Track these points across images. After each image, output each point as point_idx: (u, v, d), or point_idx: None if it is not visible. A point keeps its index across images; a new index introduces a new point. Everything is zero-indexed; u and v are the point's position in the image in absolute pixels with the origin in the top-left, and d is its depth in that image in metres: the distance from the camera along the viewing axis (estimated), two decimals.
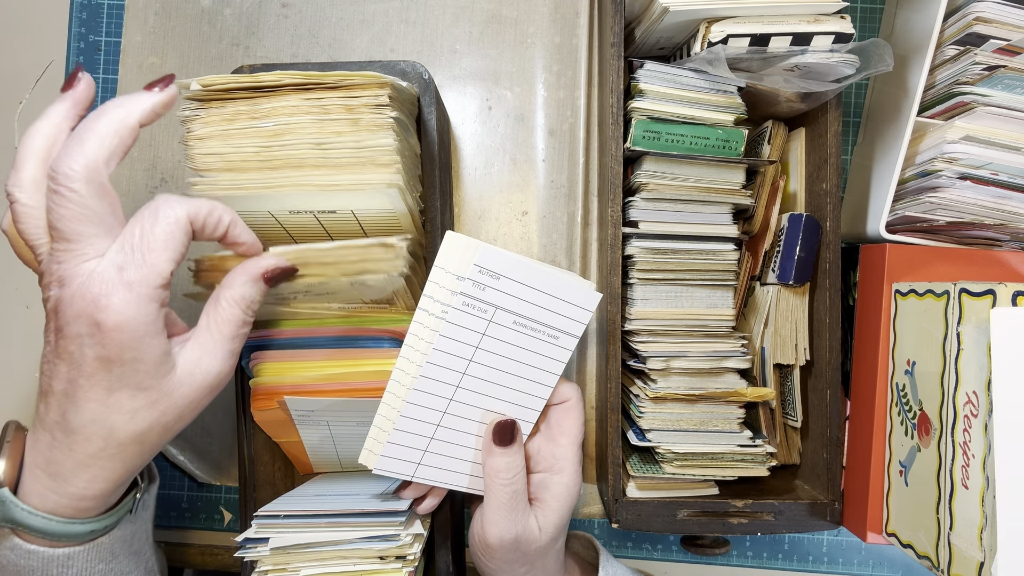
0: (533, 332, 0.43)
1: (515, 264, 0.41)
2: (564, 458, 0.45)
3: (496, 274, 0.40)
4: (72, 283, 0.34)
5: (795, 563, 0.60)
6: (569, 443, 0.45)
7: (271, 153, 0.41)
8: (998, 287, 0.40)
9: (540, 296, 0.42)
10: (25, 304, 0.62)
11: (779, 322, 0.53)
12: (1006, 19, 0.47)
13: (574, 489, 0.45)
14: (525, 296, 0.42)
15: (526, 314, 0.42)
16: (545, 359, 0.44)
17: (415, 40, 0.61)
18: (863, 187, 0.56)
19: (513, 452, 0.43)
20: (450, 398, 0.42)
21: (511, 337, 0.42)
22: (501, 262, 0.40)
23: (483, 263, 0.40)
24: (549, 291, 0.42)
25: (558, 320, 0.43)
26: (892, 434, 0.50)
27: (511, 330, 0.42)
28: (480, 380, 0.42)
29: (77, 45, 0.62)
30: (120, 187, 0.61)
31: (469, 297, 0.40)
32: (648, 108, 0.50)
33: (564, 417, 0.45)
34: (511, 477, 0.42)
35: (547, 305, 0.42)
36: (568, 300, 0.43)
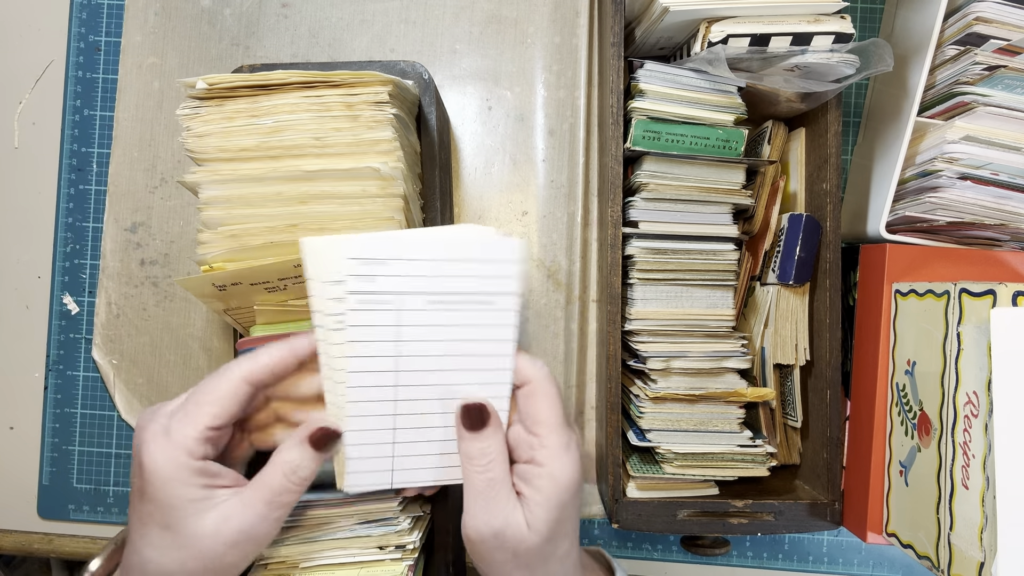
0: (458, 305, 0.38)
1: (396, 242, 0.36)
2: (544, 447, 0.39)
3: (379, 260, 0.36)
4: (142, 419, 0.37)
5: (795, 563, 0.60)
6: (547, 431, 0.39)
7: (271, 145, 0.42)
8: (998, 287, 0.40)
9: (444, 265, 0.37)
10: (25, 304, 0.62)
11: (779, 322, 0.53)
12: (1006, 19, 0.47)
13: (564, 478, 0.38)
14: (427, 271, 0.37)
15: (438, 289, 0.37)
16: (488, 328, 0.38)
17: (415, 40, 0.61)
18: (863, 187, 0.56)
19: (486, 436, 0.39)
20: (394, 399, 0.39)
21: (433, 318, 0.38)
22: (379, 245, 0.36)
23: (358, 253, 0.36)
24: (452, 256, 0.37)
25: (481, 283, 0.38)
26: (892, 434, 0.50)
27: (430, 311, 0.37)
28: (422, 372, 0.38)
29: (77, 45, 0.62)
30: (120, 187, 0.61)
31: (361, 294, 0.36)
32: (648, 108, 0.50)
33: (530, 403, 0.39)
34: (485, 463, 0.39)
35: (458, 271, 0.37)
36: (481, 258, 0.37)
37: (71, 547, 0.62)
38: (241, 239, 0.43)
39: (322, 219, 0.43)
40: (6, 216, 0.62)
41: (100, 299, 0.61)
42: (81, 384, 0.62)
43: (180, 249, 0.61)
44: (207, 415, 0.36)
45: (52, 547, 0.62)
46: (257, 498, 0.37)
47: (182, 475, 0.35)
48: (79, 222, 0.62)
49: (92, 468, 0.61)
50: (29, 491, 0.62)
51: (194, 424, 0.36)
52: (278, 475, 0.37)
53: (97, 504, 0.61)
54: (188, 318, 0.61)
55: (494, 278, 0.38)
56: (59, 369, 0.62)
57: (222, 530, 0.36)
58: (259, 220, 0.43)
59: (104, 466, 0.61)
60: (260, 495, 0.37)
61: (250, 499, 0.37)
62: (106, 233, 0.61)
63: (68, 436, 0.61)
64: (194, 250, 0.43)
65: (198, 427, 0.36)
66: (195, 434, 0.36)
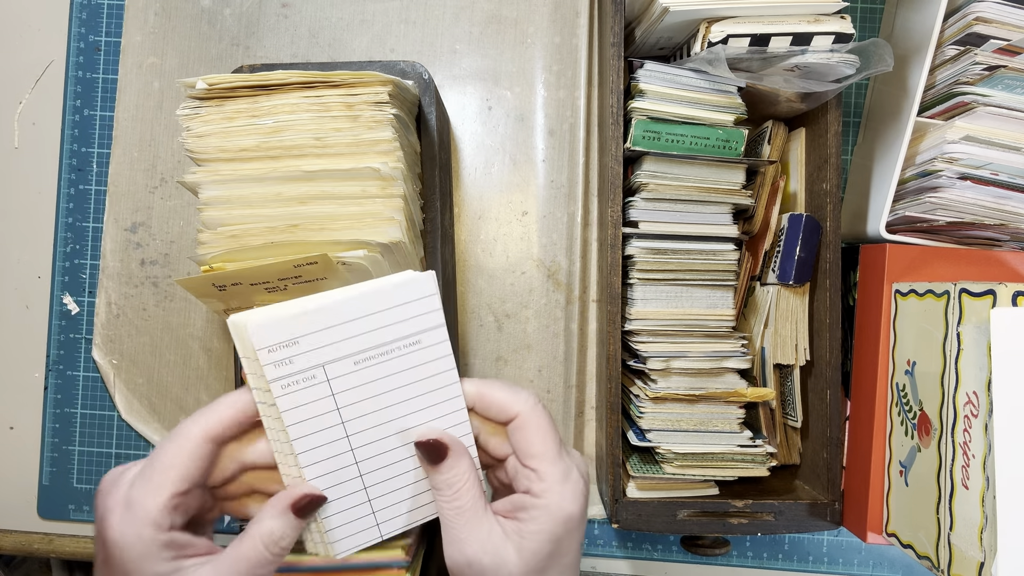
0: (386, 356, 0.37)
1: (301, 318, 0.35)
2: (540, 479, 0.37)
3: (289, 341, 0.35)
4: (103, 486, 0.35)
5: (795, 563, 0.60)
6: (541, 463, 0.37)
7: (271, 145, 0.41)
8: (998, 287, 0.40)
9: (359, 323, 0.36)
10: (25, 304, 0.62)
11: (779, 322, 0.53)
12: (1006, 19, 0.47)
13: (560, 515, 0.36)
14: (343, 335, 0.36)
15: (361, 347, 0.36)
16: (424, 367, 0.38)
17: (415, 40, 0.61)
18: (863, 187, 0.56)
19: (448, 467, 0.37)
20: (355, 461, 0.38)
21: (366, 376, 0.37)
22: (284, 328, 0.35)
23: (265, 342, 0.35)
24: (363, 313, 0.36)
25: (402, 328, 0.37)
26: (892, 434, 0.50)
27: (360, 371, 0.36)
28: (374, 428, 0.38)
29: (77, 45, 0.62)
30: (120, 187, 0.61)
31: (282, 378, 0.35)
32: (648, 108, 0.50)
33: (520, 437, 0.37)
34: (451, 493, 0.37)
35: (374, 325, 0.36)
36: (393, 303, 0.36)
37: (71, 547, 0.62)
38: (241, 239, 0.43)
39: (322, 219, 0.43)
40: (6, 216, 0.62)
41: (100, 299, 0.61)
42: (81, 384, 0.62)
43: (180, 249, 0.61)
44: (170, 481, 0.34)
45: (52, 547, 0.62)
46: (234, 569, 0.35)
47: (148, 550, 0.33)
48: (79, 222, 0.62)
49: (92, 468, 0.61)
50: (29, 491, 0.62)
51: (157, 493, 0.34)
52: (258, 546, 0.35)
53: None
54: (188, 318, 0.61)
55: (415, 317, 0.37)
56: (59, 369, 0.62)
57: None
58: (259, 220, 0.43)
59: (104, 466, 0.61)
60: (236, 568, 0.35)
61: (224, 570, 0.34)
62: (106, 233, 0.61)
63: (68, 436, 0.61)
64: (194, 250, 0.43)
65: (162, 496, 0.34)
66: (159, 504, 0.34)
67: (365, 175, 0.42)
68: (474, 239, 0.61)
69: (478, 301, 0.60)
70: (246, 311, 0.35)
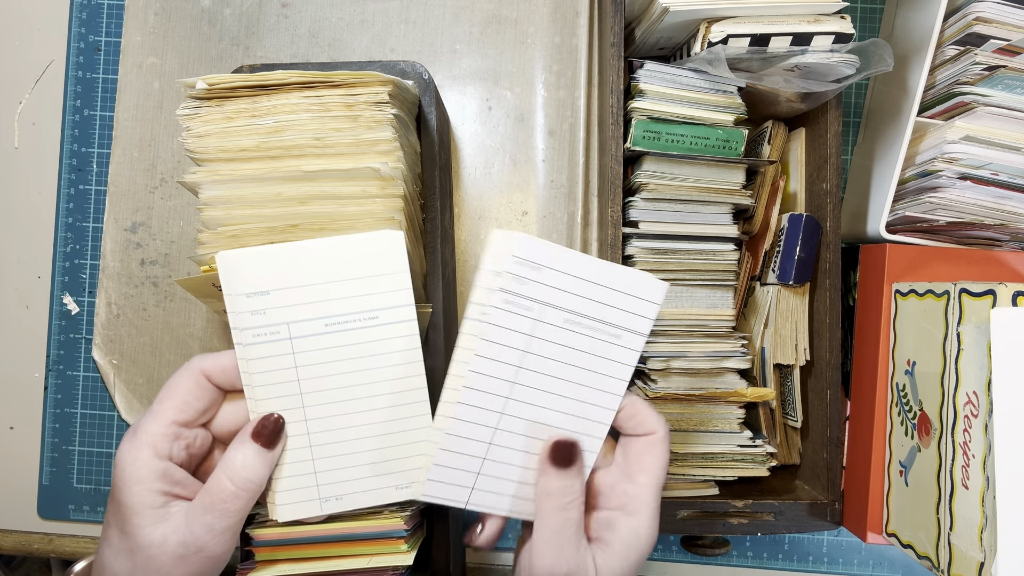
0: (590, 331, 0.37)
1: (559, 253, 0.36)
2: (639, 499, 0.38)
3: (537, 264, 0.36)
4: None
5: (795, 563, 0.60)
6: (649, 483, 0.38)
7: (271, 145, 0.42)
8: (998, 287, 0.40)
9: (593, 288, 0.37)
10: (25, 304, 0.62)
11: (779, 322, 0.53)
12: (1006, 19, 0.47)
13: (646, 537, 0.37)
14: (575, 289, 0.37)
15: (578, 310, 0.37)
16: (607, 363, 0.38)
17: (415, 40, 0.61)
18: (863, 187, 0.56)
19: (571, 475, 0.38)
20: (501, 412, 0.38)
21: (563, 338, 0.37)
22: (542, 251, 0.36)
23: (522, 253, 0.36)
24: (603, 282, 0.37)
25: (617, 316, 0.38)
26: (892, 434, 0.50)
27: (563, 330, 0.37)
28: (533, 390, 0.38)
29: (77, 45, 0.62)
30: (120, 187, 0.61)
31: (509, 293, 0.36)
32: (648, 108, 0.50)
33: (646, 452, 0.38)
34: (566, 502, 0.37)
35: (602, 298, 0.37)
36: (626, 291, 0.37)
37: (71, 547, 0.62)
38: (241, 239, 0.43)
39: (322, 219, 0.43)
40: (6, 216, 0.62)
41: (100, 299, 0.61)
42: (81, 384, 0.62)
43: (180, 249, 0.61)
44: (170, 409, 0.36)
45: (52, 547, 0.62)
46: (202, 507, 0.35)
47: (143, 475, 0.35)
48: (79, 222, 0.62)
49: (92, 468, 0.61)
50: (29, 491, 0.62)
51: (158, 420, 0.36)
52: (222, 480, 0.35)
53: (97, 504, 0.61)
54: (188, 318, 0.61)
55: (630, 314, 0.38)
56: (59, 369, 0.62)
57: (169, 541, 0.34)
58: (259, 220, 0.43)
59: (104, 466, 0.61)
60: (204, 503, 0.35)
61: (194, 508, 0.35)
62: (106, 233, 0.61)
63: (68, 436, 0.61)
64: (194, 250, 0.43)
65: (163, 422, 0.36)
66: (160, 430, 0.35)
67: (365, 175, 0.42)
68: (474, 239, 0.61)
69: None
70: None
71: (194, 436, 0.37)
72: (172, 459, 0.36)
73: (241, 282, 0.37)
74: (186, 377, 0.37)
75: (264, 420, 0.37)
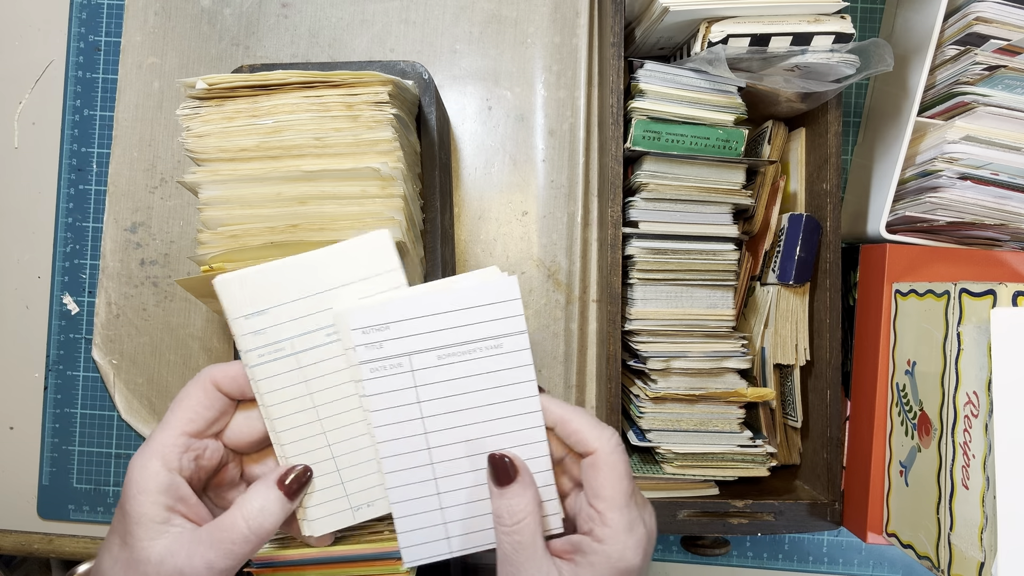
0: (468, 355, 0.37)
1: (397, 306, 0.36)
2: (604, 525, 0.35)
3: (383, 325, 0.36)
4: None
5: (795, 563, 0.60)
6: (608, 509, 0.35)
7: (271, 145, 0.42)
8: (998, 287, 0.40)
9: (447, 318, 0.37)
10: (25, 304, 0.62)
11: (779, 322, 0.53)
12: (1006, 19, 0.47)
13: (620, 566, 0.34)
14: (430, 327, 0.37)
15: (447, 342, 0.37)
16: (505, 373, 0.37)
17: (415, 40, 0.61)
18: (863, 187, 0.56)
19: (513, 493, 0.36)
20: (431, 462, 0.37)
21: (449, 372, 0.37)
22: (380, 312, 0.36)
23: (360, 324, 0.36)
24: (453, 307, 0.37)
25: (485, 329, 0.37)
26: (892, 434, 0.50)
27: (444, 366, 0.37)
28: (452, 429, 0.37)
29: (77, 45, 0.62)
30: (120, 187, 0.61)
31: (371, 362, 0.36)
32: (648, 108, 0.50)
33: (592, 476, 0.35)
34: (511, 524, 0.35)
35: (461, 321, 0.37)
36: (480, 303, 0.37)
37: (71, 547, 0.62)
38: (241, 239, 0.43)
39: (322, 219, 0.43)
40: (6, 216, 0.62)
41: (100, 299, 0.61)
42: (81, 384, 0.62)
43: (180, 249, 0.61)
44: (180, 420, 0.36)
45: (52, 547, 0.62)
46: (209, 540, 0.34)
47: (150, 485, 0.34)
48: (79, 222, 0.62)
49: (92, 468, 0.61)
50: (29, 491, 0.62)
51: (169, 431, 0.35)
52: (238, 521, 0.34)
53: (97, 504, 0.61)
54: (188, 318, 0.61)
55: (499, 320, 0.37)
56: (59, 369, 0.62)
57: (165, 563, 0.34)
58: (259, 220, 0.43)
59: (104, 466, 0.61)
60: (213, 537, 0.34)
61: (202, 539, 0.34)
62: (106, 233, 0.61)
63: (68, 436, 0.61)
64: (194, 250, 0.43)
65: (173, 433, 0.35)
66: (170, 440, 0.35)
67: (365, 175, 0.42)
68: (474, 239, 0.61)
69: None
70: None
71: (204, 447, 0.37)
72: (182, 470, 0.35)
73: (238, 304, 0.37)
74: (196, 388, 0.36)
75: (293, 470, 0.37)
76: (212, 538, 0.34)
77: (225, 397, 0.37)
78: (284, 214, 0.43)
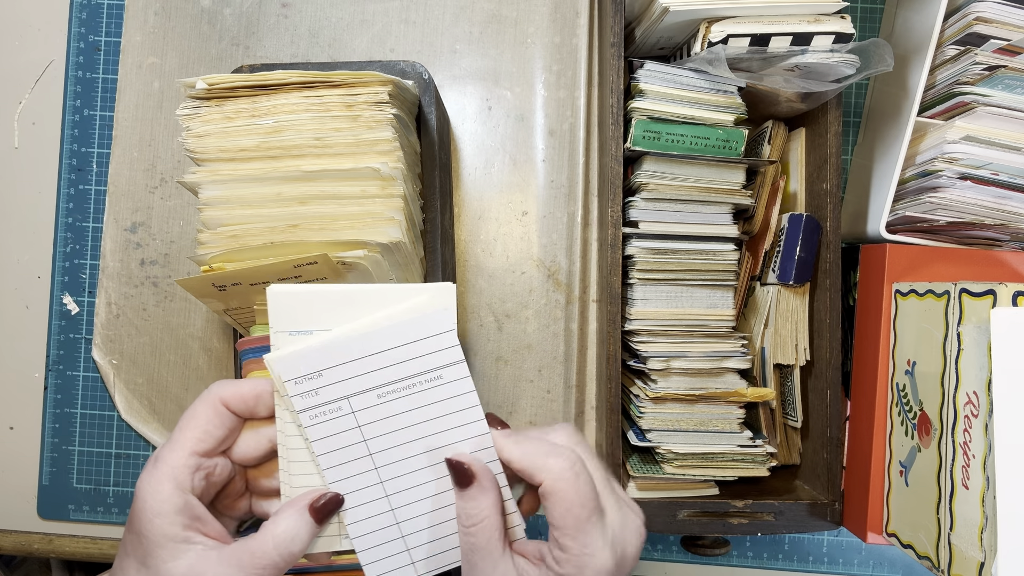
0: (407, 390, 0.37)
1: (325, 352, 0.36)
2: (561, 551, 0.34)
3: (315, 373, 0.36)
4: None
5: (795, 563, 0.60)
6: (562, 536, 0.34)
7: (271, 145, 0.42)
8: (998, 287, 0.40)
9: (380, 357, 0.36)
10: (25, 304, 0.62)
11: (779, 322, 0.53)
12: (1006, 19, 0.47)
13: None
14: (366, 367, 0.36)
15: (384, 380, 0.36)
16: (447, 402, 0.37)
17: (415, 40, 0.61)
18: (863, 187, 0.56)
19: (471, 496, 0.36)
20: (385, 494, 0.37)
21: (391, 408, 0.37)
22: (308, 360, 0.36)
23: (289, 373, 0.36)
24: (384, 346, 0.36)
25: (421, 363, 0.37)
26: (892, 434, 0.50)
27: (384, 403, 0.37)
28: (402, 461, 0.37)
29: (77, 45, 0.62)
30: (120, 187, 0.61)
31: (309, 410, 0.36)
32: (648, 108, 0.50)
33: (550, 506, 0.34)
34: (468, 526, 0.35)
35: (396, 359, 0.36)
36: (413, 338, 0.36)
37: (71, 547, 0.62)
38: (241, 239, 0.43)
39: (322, 219, 0.43)
40: (6, 216, 0.62)
41: (100, 299, 0.61)
42: (81, 384, 0.62)
43: (180, 249, 0.61)
44: (189, 439, 0.35)
45: (52, 547, 0.62)
46: (238, 562, 0.34)
47: (165, 508, 0.34)
48: (79, 222, 0.62)
49: (92, 468, 0.61)
50: (29, 491, 0.62)
51: (179, 450, 0.35)
52: (268, 544, 0.34)
53: (97, 504, 0.61)
54: (188, 318, 0.61)
55: (434, 353, 0.37)
56: (59, 369, 0.62)
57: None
58: (259, 220, 0.43)
59: (104, 466, 0.61)
60: (242, 560, 0.34)
61: (229, 560, 0.34)
62: (106, 233, 0.61)
63: (68, 436, 0.61)
64: (194, 250, 0.43)
65: (183, 452, 0.35)
66: (181, 461, 0.35)
67: (365, 175, 0.42)
68: (474, 239, 0.61)
69: (478, 301, 0.60)
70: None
71: (214, 465, 0.36)
72: (194, 490, 0.35)
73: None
74: (205, 406, 0.36)
75: (324, 495, 0.37)
76: (241, 560, 0.34)
77: (233, 415, 0.37)
78: (284, 214, 0.43)
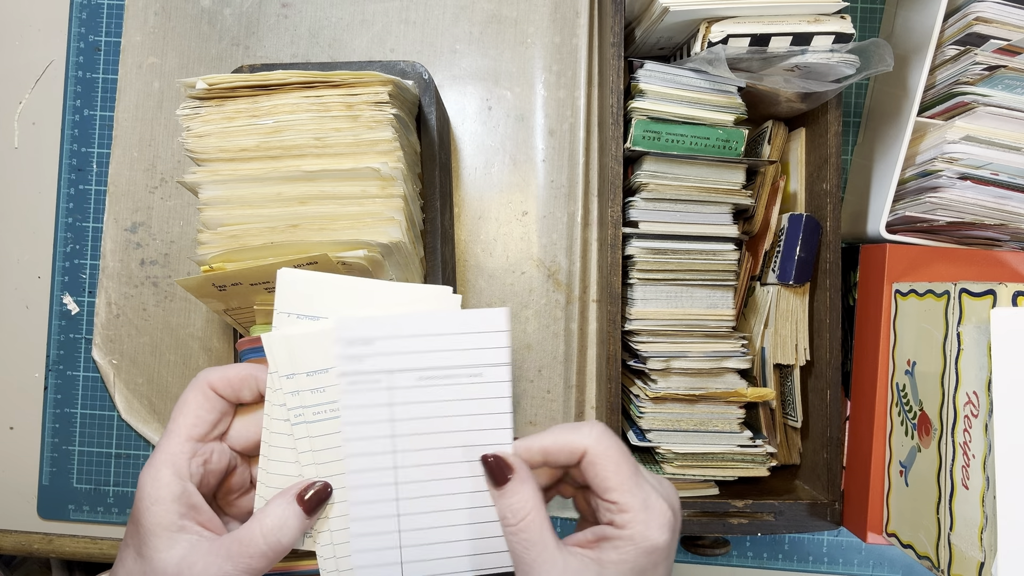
0: (448, 380, 0.36)
1: (383, 322, 0.36)
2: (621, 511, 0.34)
3: (369, 339, 0.36)
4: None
5: (795, 563, 0.60)
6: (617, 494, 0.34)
7: (271, 145, 0.42)
8: (998, 287, 0.40)
9: (433, 340, 0.36)
10: (25, 304, 0.62)
11: (779, 322, 0.53)
12: (1006, 19, 0.47)
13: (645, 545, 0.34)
14: (416, 347, 0.36)
15: (428, 364, 0.36)
16: (481, 402, 0.37)
17: (415, 40, 0.61)
18: (863, 187, 0.56)
19: (511, 492, 0.35)
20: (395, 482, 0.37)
21: (425, 395, 0.36)
22: (366, 326, 0.36)
23: (346, 335, 0.36)
24: (438, 331, 0.36)
25: (468, 356, 0.36)
26: (892, 434, 0.50)
27: (421, 388, 0.36)
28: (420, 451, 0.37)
29: (77, 45, 0.62)
30: (120, 187, 0.61)
31: (352, 374, 0.36)
32: (648, 108, 0.50)
33: (592, 473, 0.35)
34: (516, 523, 0.34)
35: (446, 346, 0.36)
36: (469, 331, 0.36)
37: (71, 547, 0.62)
38: (241, 239, 0.43)
39: (322, 219, 0.43)
40: (6, 216, 0.62)
41: (100, 299, 0.61)
42: (81, 384, 0.62)
43: (180, 249, 0.61)
44: (183, 426, 0.36)
45: (52, 547, 0.62)
46: (227, 552, 0.34)
47: (162, 494, 0.34)
48: (79, 222, 0.62)
49: (92, 468, 0.61)
50: (29, 491, 0.62)
51: (174, 438, 0.35)
52: (256, 534, 0.34)
53: (97, 504, 0.61)
54: (188, 318, 0.61)
55: (483, 350, 0.37)
56: (59, 369, 0.62)
57: (182, 573, 0.33)
58: (259, 220, 0.43)
59: (104, 466, 0.61)
60: (231, 550, 0.34)
61: (219, 551, 0.34)
62: (106, 233, 0.61)
63: (68, 436, 0.61)
64: (194, 250, 0.43)
65: (178, 440, 0.35)
66: (177, 448, 0.35)
67: (365, 175, 0.42)
68: (474, 239, 0.61)
69: (478, 301, 0.60)
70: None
71: (211, 450, 0.37)
72: (192, 477, 0.35)
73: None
74: (194, 392, 0.36)
75: (312, 486, 0.36)
76: (230, 551, 0.34)
77: (223, 400, 0.37)
78: (284, 214, 0.43)
